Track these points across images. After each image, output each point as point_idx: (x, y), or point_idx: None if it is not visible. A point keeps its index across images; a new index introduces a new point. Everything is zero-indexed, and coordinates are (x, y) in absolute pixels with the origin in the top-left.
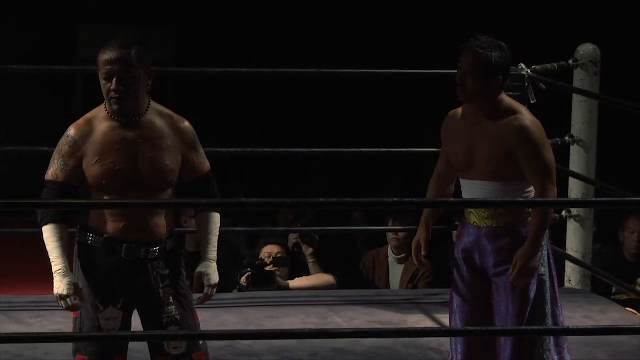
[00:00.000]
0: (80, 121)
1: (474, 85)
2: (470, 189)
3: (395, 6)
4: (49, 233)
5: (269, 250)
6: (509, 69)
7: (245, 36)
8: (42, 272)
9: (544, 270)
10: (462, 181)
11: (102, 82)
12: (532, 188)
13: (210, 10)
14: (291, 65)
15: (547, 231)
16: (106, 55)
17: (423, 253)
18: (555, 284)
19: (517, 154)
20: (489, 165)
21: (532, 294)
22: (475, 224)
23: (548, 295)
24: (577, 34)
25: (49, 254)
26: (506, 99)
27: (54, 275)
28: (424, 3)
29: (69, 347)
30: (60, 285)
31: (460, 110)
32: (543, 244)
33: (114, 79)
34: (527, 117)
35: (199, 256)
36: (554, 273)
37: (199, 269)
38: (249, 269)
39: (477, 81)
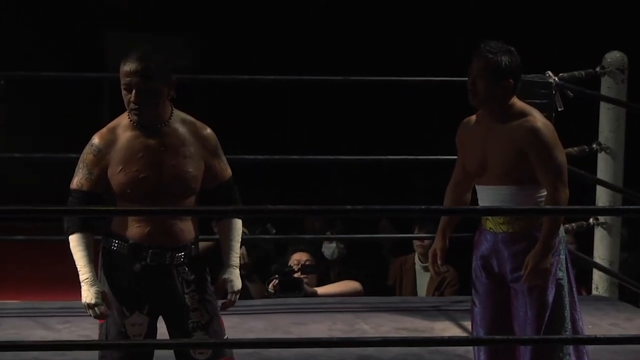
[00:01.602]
0: (104, 130)
1: (485, 90)
2: (485, 195)
3: (415, 13)
4: (75, 242)
5: (298, 258)
6: (520, 73)
7: (266, 42)
8: (70, 277)
9: (562, 275)
10: (477, 187)
11: (123, 92)
12: (544, 192)
13: (233, 16)
14: (312, 72)
15: (570, 237)
16: (126, 67)
17: (439, 262)
18: (574, 289)
19: (529, 155)
20: (502, 169)
21: (550, 298)
22: (491, 230)
23: (567, 299)
24: (604, 41)
25: (76, 262)
26: (517, 102)
27: (82, 283)
28: (443, 10)
29: (95, 353)
30: (87, 294)
31: (473, 117)
32: (560, 247)
33: (133, 91)
34: (538, 118)
35: (222, 263)
36: (572, 278)
37: (222, 275)
38: (276, 276)
39: (488, 85)
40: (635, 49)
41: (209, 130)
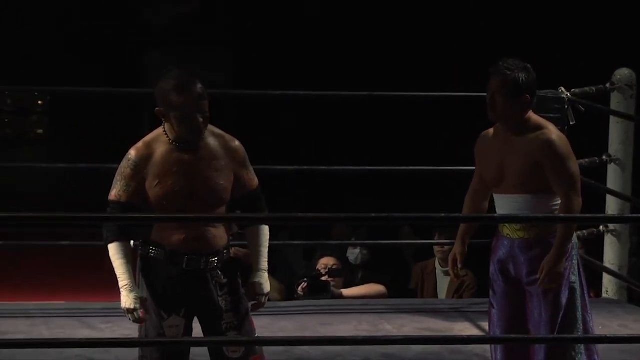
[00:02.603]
0: (140, 144)
1: (503, 105)
2: (503, 203)
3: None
4: (114, 250)
5: (325, 262)
6: (535, 88)
7: (294, 58)
8: (112, 281)
9: (574, 278)
10: (494, 196)
11: (186, 115)
12: (558, 200)
13: (264, 34)
14: (338, 88)
15: (580, 243)
16: (193, 93)
17: (459, 266)
18: (585, 292)
19: (544, 167)
20: (518, 179)
21: (564, 301)
22: (508, 236)
23: (579, 302)
24: (614, 59)
25: (115, 270)
26: (533, 116)
27: (121, 290)
28: (462, 29)
29: (136, 351)
30: (127, 300)
31: (491, 130)
32: (573, 253)
33: (202, 113)
34: (552, 131)
35: (251, 266)
36: (584, 282)
37: (252, 279)
38: (305, 279)
39: (505, 102)
40: None
41: (237, 143)
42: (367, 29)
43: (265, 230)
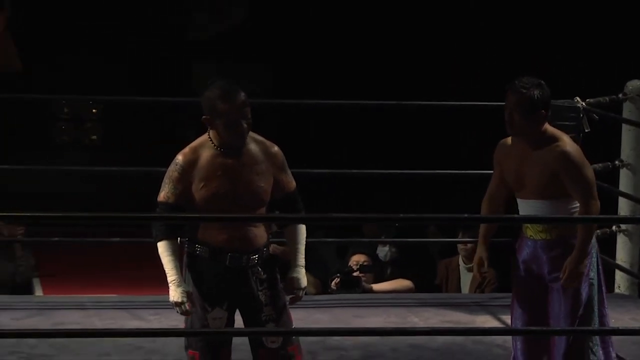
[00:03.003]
0: (187, 150)
1: (520, 122)
2: (524, 207)
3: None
4: (162, 248)
5: (357, 259)
6: (550, 103)
7: (328, 70)
8: (160, 275)
9: (593, 275)
10: (518, 200)
11: (231, 122)
12: (577, 204)
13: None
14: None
15: (597, 242)
16: (237, 101)
17: (485, 269)
18: (603, 288)
19: (561, 176)
20: (538, 187)
21: (583, 295)
22: (531, 237)
23: (596, 297)
24: (626, 70)
25: (164, 266)
26: (549, 128)
27: (169, 284)
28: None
29: (182, 341)
30: (175, 294)
31: (509, 138)
32: (592, 252)
33: (245, 119)
34: (567, 142)
35: (289, 263)
36: (602, 278)
37: (290, 274)
38: (338, 275)
39: (522, 117)
40: None
41: (276, 148)
42: (395, 41)
43: (303, 229)
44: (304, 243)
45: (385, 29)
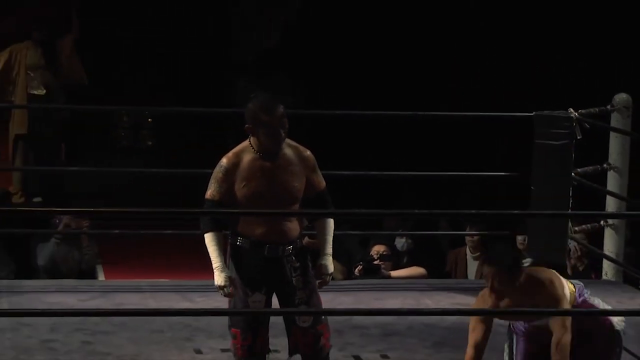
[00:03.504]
0: (230, 154)
1: (508, 285)
2: None
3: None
4: (209, 239)
5: (377, 249)
6: (521, 262)
7: (353, 83)
8: (207, 263)
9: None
10: None
11: (272, 132)
12: None
13: (330, 65)
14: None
15: (582, 235)
16: (277, 113)
17: None
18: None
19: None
20: None
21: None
22: None
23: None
24: (614, 85)
25: (210, 254)
26: (524, 274)
27: (214, 270)
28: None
29: (225, 320)
30: (219, 278)
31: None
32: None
33: (283, 129)
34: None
35: (319, 252)
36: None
37: (320, 262)
38: (361, 263)
39: (508, 280)
40: (638, 91)
41: (308, 152)
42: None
43: (331, 222)
44: (332, 235)
45: (404, 36)
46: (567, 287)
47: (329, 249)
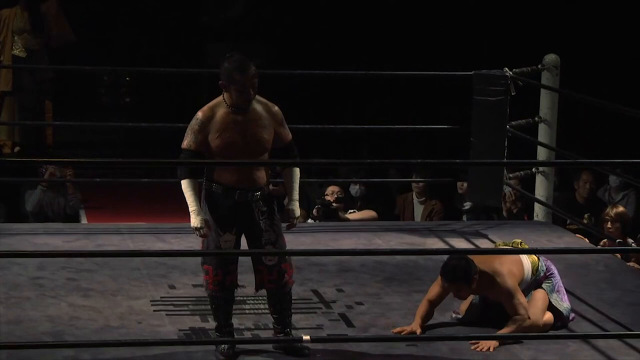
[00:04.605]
0: (205, 108)
1: (467, 292)
2: None
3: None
4: (185, 185)
5: (332, 189)
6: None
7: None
8: (182, 207)
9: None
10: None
11: (241, 89)
12: None
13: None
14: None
15: (515, 181)
16: (248, 73)
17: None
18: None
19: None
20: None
21: None
22: None
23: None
24: (544, 45)
25: (187, 199)
26: (482, 272)
27: (191, 213)
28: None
29: (198, 259)
30: (195, 220)
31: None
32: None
33: (253, 87)
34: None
35: (286, 197)
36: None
37: (287, 206)
38: (318, 206)
39: (466, 289)
40: (566, 51)
41: (276, 108)
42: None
43: (297, 171)
44: (298, 182)
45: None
46: (525, 265)
47: (296, 195)
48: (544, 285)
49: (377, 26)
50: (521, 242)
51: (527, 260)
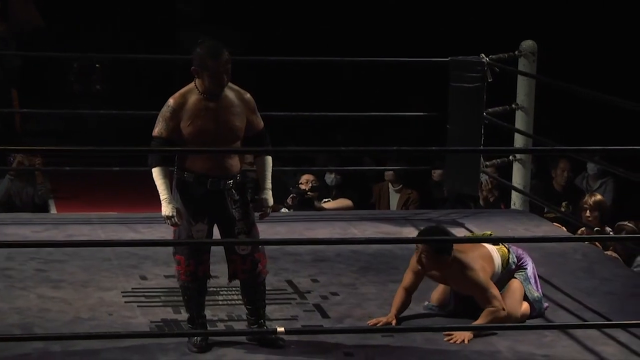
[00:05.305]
0: (177, 95)
1: (439, 262)
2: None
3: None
4: (156, 173)
5: (306, 178)
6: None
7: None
8: (153, 196)
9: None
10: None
11: (215, 75)
12: None
13: (272, 16)
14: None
15: (492, 169)
16: (222, 59)
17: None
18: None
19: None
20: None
21: None
22: None
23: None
24: (522, 31)
25: (158, 187)
26: (454, 258)
27: (162, 202)
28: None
29: (170, 249)
30: (166, 209)
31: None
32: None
33: (226, 73)
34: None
35: (258, 186)
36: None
37: (260, 195)
38: (293, 195)
39: (439, 257)
40: (543, 38)
41: (248, 95)
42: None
43: (269, 159)
44: (271, 171)
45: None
46: (495, 260)
47: (269, 184)
48: (516, 275)
49: (353, 12)
50: (491, 234)
51: (496, 254)
